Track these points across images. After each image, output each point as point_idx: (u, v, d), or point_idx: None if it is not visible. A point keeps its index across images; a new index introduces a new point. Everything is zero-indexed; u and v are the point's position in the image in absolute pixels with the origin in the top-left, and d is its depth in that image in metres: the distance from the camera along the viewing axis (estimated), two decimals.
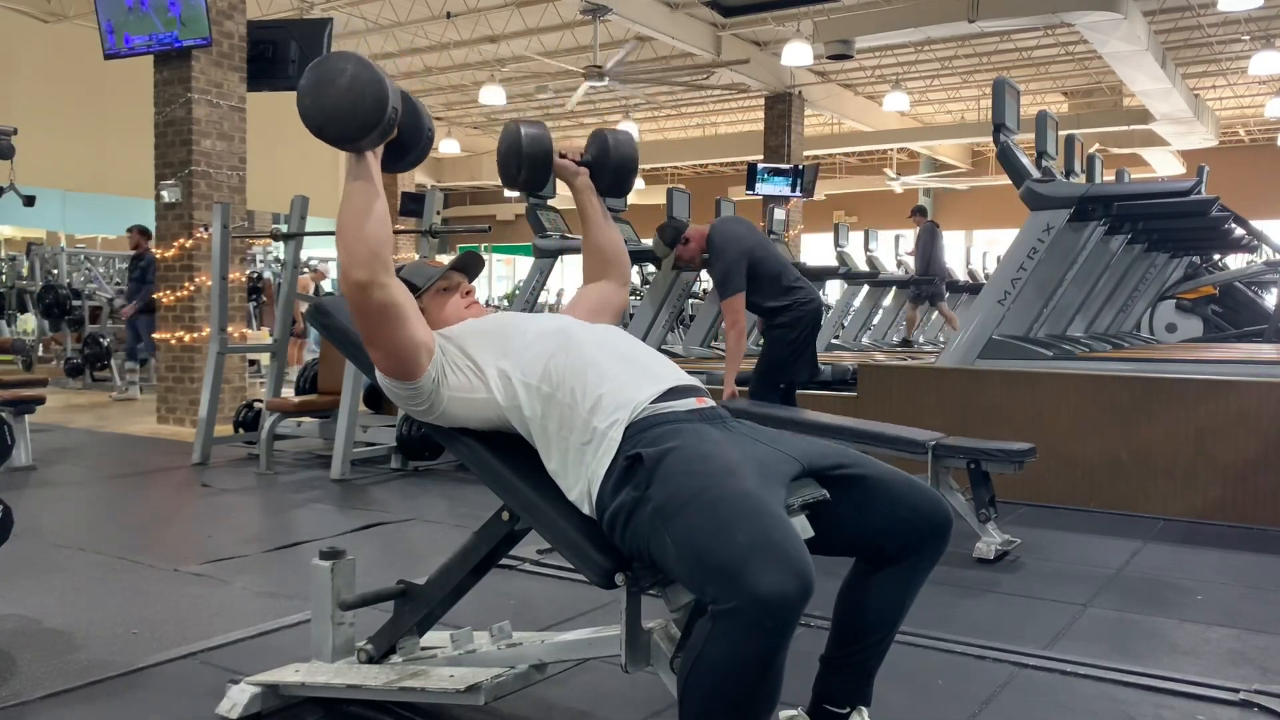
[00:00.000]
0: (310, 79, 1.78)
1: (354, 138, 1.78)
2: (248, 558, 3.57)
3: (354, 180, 1.82)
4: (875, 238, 11.21)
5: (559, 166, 2.20)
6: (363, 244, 1.78)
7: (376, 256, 1.79)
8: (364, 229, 1.79)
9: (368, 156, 1.82)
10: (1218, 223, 6.00)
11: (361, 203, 1.80)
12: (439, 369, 1.88)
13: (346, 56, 1.78)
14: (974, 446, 3.63)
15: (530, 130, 2.13)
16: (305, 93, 1.77)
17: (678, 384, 1.85)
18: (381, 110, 1.77)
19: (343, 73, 1.76)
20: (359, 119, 1.76)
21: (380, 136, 1.80)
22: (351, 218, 1.80)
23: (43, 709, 2.22)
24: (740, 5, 11.52)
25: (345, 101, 1.76)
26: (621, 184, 2.24)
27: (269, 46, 7.47)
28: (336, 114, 1.77)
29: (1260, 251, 10.32)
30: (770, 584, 1.40)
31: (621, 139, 2.23)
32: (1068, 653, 2.62)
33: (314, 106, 1.77)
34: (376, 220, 1.80)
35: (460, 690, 1.98)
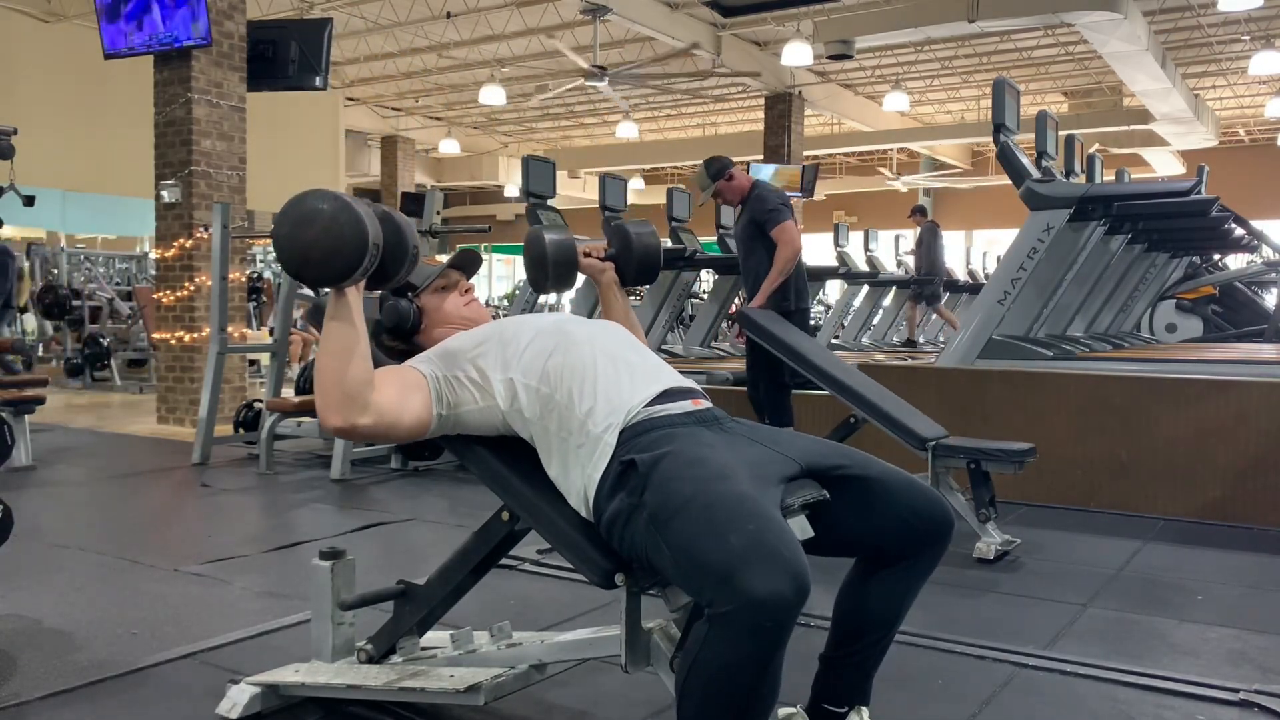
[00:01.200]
0: (287, 217, 1.72)
1: (334, 281, 1.75)
2: (248, 558, 3.57)
3: (332, 320, 1.77)
4: (875, 238, 11.22)
5: (585, 266, 2.24)
6: (339, 390, 1.75)
7: (353, 400, 1.75)
8: (345, 375, 1.75)
9: (348, 293, 1.77)
10: (1218, 223, 6.00)
11: (340, 346, 1.75)
12: (439, 401, 1.87)
13: (324, 195, 1.72)
14: (974, 446, 3.63)
15: (553, 238, 2.16)
16: (282, 231, 1.72)
17: (673, 386, 1.85)
18: (362, 253, 1.71)
19: (319, 214, 1.70)
20: (339, 263, 1.71)
21: (362, 276, 1.76)
22: (331, 361, 1.75)
23: (43, 709, 2.22)
24: (740, 5, 11.53)
25: (323, 245, 1.70)
26: (647, 274, 2.29)
27: (269, 46, 7.47)
28: (314, 258, 1.71)
29: (1260, 251, 10.32)
30: (765, 586, 1.40)
31: (643, 231, 2.27)
32: (1067, 653, 2.62)
33: (289, 248, 1.72)
34: (356, 364, 1.75)
35: (460, 690, 1.98)
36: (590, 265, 2.25)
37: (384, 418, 1.79)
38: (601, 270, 2.27)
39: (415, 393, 1.85)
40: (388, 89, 17.60)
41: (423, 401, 1.85)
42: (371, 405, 1.78)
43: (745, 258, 5.00)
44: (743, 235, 4.98)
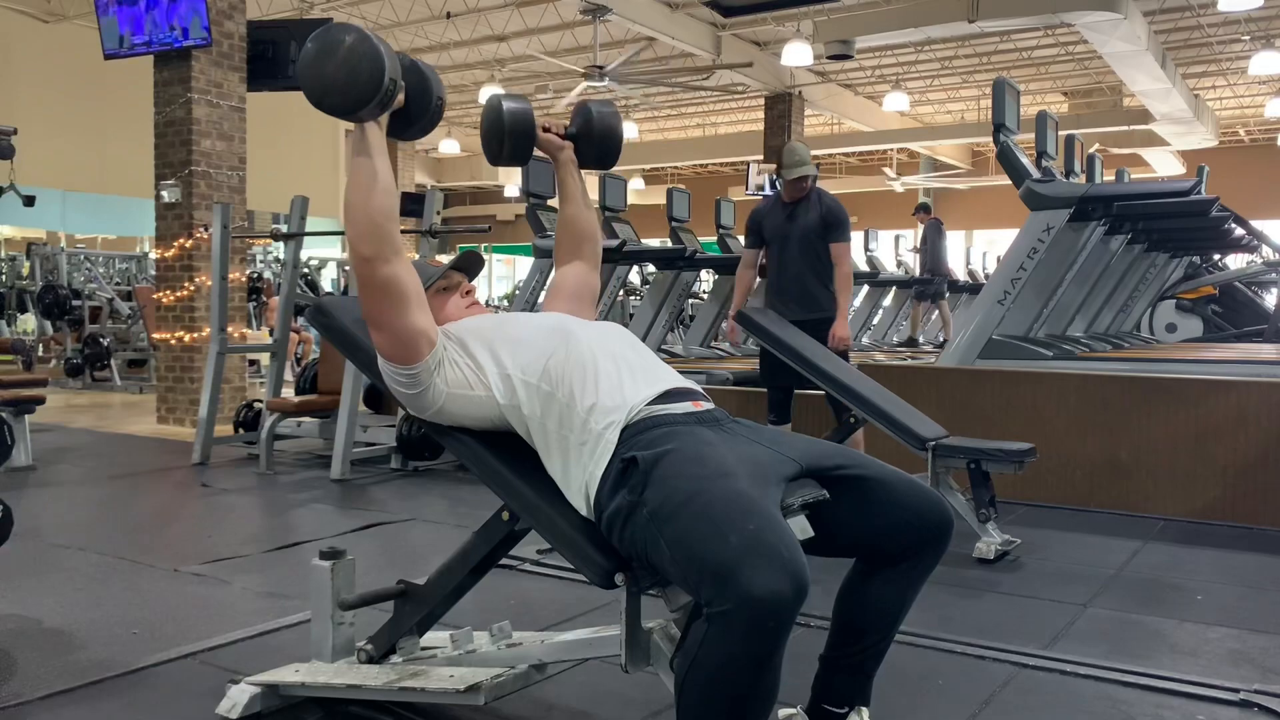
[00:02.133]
0: (310, 50, 1.79)
1: (351, 109, 1.80)
2: (248, 558, 3.57)
3: (357, 155, 1.84)
4: (875, 238, 11.22)
5: (543, 140, 2.20)
6: (367, 218, 1.82)
7: (380, 229, 1.82)
8: (369, 203, 1.82)
9: (370, 129, 1.84)
10: (1218, 223, 6.01)
11: (364, 177, 1.83)
12: (437, 360, 1.89)
13: (347, 28, 1.79)
14: (974, 446, 3.63)
15: (512, 104, 2.12)
16: (304, 64, 1.80)
17: (675, 386, 1.85)
18: (378, 83, 1.77)
19: (340, 44, 1.77)
20: (355, 91, 1.78)
21: (380, 108, 1.82)
22: (356, 193, 1.83)
23: (43, 709, 2.22)
24: (740, 5, 11.53)
25: (341, 73, 1.78)
26: (606, 156, 2.23)
27: (269, 46, 7.47)
28: (333, 86, 1.78)
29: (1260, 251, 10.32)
30: (764, 585, 1.40)
31: (605, 110, 2.22)
32: (1068, 653, 2.62)
33: (312, 78, 1.80)
34: (380, 194, 1.82)
35: (460, 690, 1.98)
36: (548, 140, 2.21)
37: (401, 282, 1.84)
38: (560, 147, 2.22)
39: (429, 318, 1.90)
40: None
41: (427, 329, 1.88)
42: (400, 253, 1.84)
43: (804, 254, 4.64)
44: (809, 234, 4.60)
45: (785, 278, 4.72)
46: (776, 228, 4.70)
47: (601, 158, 2.23)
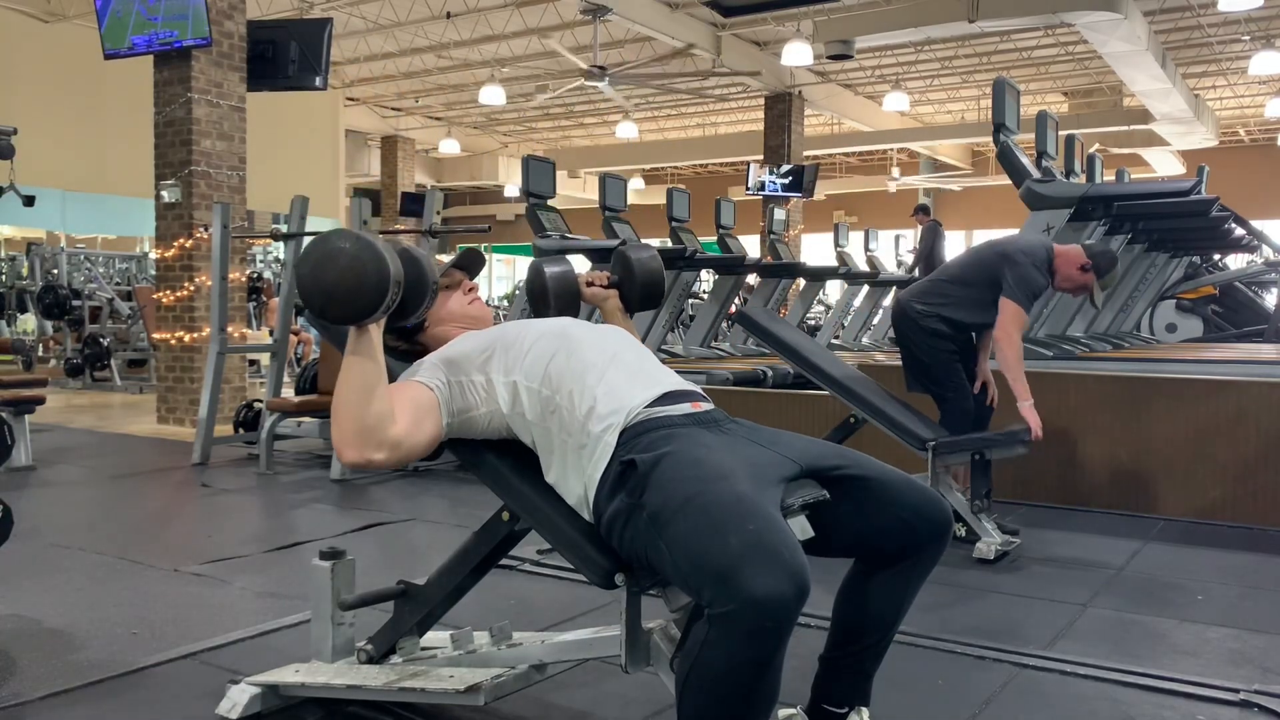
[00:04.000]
0: (311, 256, 1.75)
1: (358, 319, 1.76)
2: (248, 558, 3.57)
3: (354, 355, 1.78)
4: (875, 238, 11.21)
5: (589, 296, 2.25)
6: (358, 426, 1.76)
7: (370, 435, 1.76)
8: (366, 411, 1.76)
9: (370, 330, 1.79)
10: (1218, 223, 6.01)
11: (361, 383, 1.77)
12: (448, 410, 1.87)
13: (346, 235, 1.75)
14: (976, 437, 3.63)
15: (553, 270, 2.16)
16: (305, 270, 1.75)
17: (674, 388, 1.85)
18: (384, 291, 1.73)
19: (343, 254, 1.73)
20: (361, 301, 1.74)
21: (383, 314, 1.78)
22: (352, 397, 1.76)
23: (43, 709, 2.22)
24: (740, 5, 11.53)
25: (347, 283, 1.73)
26: (650, 299, 2.29)
27: (269, 46, 7.47)
28: (336, 296, 1.74)
29: (1260, 251, 10.32)
30: (764, 586, 1.40)
31: (644, 256, 2.28)
32: (1068, 653, 2.62)
33: (313, 288, 1.75)
34: (378, 400, 1.77)
35: (460, 690, 1.98)
36: (594, 294, 2.26)
37: (399, 449, 1.80)
38: (605, 298, 2.28)
39: (428, 417, 1.85)
40: (388, 89, 17.60)
41: (435, 420, 1.86)
42: (388, 440, 1.78)
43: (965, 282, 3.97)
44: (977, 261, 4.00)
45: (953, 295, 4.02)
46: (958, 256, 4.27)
47: (645, 300, 2.29)
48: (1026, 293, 3.76)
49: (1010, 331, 3.74)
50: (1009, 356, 3.74)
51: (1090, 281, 3.86)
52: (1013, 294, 3.74)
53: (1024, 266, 3.78)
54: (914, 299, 3.98)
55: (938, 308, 3.89)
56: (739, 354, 8.65)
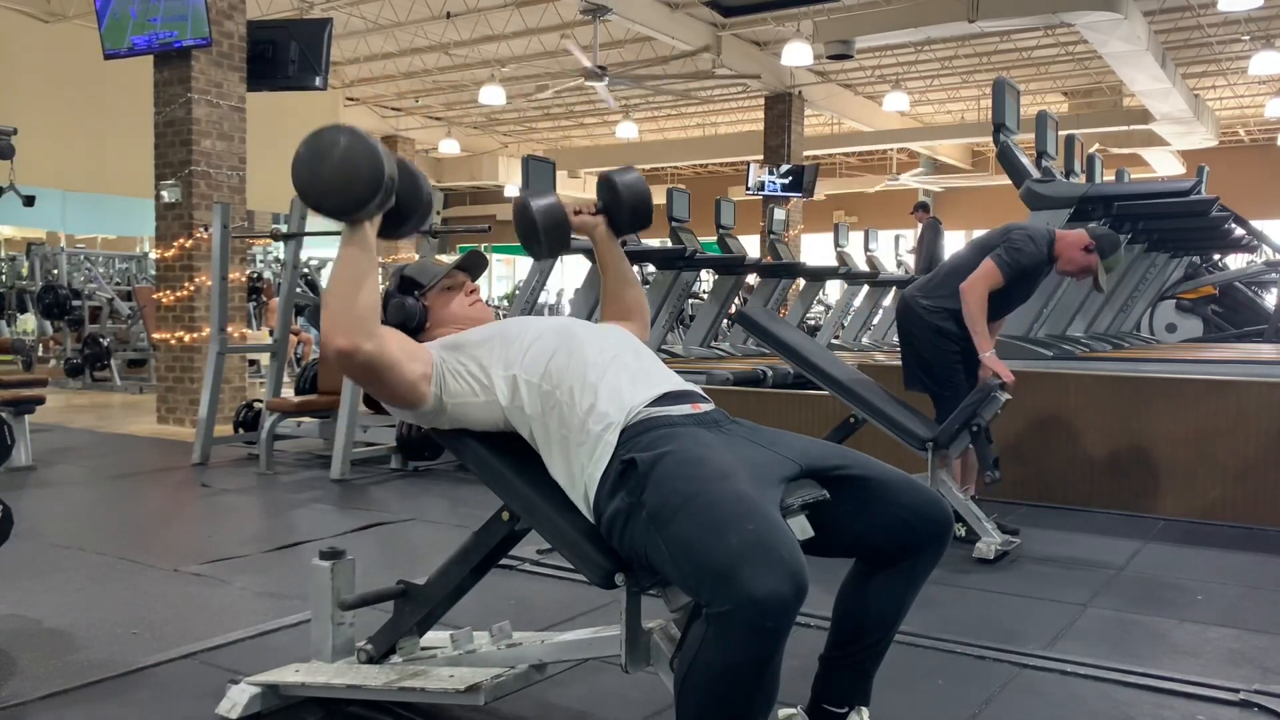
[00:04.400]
0: (304, 152, 1.78)
1: (351, 210, 1.78)
2: (248, 558, 3.57)
3: (348, 247, 1.81)
4: (875, 238, 11.21)
5: (578, 224, 2.21)
6: (349, 314, 1.78)
7: (361, 323, 1.78)
8: (355, 300, 1.78)
9: (365, 225, 1.81)
10: (1218, 223, 6.00)
11: (352, 273, 1.79)
12: (439, 384, 1.89)
13: (340, 129, 1.77)
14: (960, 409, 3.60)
15: (540, 204, 2.14)
16: (300, 167, 1.77)
17: (674, 388, 1.85)
18: (377, 182, 1.76)
19: (336, 145, 1.75)
20: (355, 192, 1.76)
21: (377, 208, 1.80)
22: (342, 288, 1.79)
23: (43, 709, 2.22)
24: (740, 5, 11.53)
25: (340, 175, 1.75)
26: (639, 220, 2.25)
27: (269, 46, 7.47)
28: (332, 188, 1.77)
29: (1260, 251, 10.31)
30: (764, 586, 1.40)
31: (629, 179, 2.24)
32: (1068, 653, 2.62)
33: (309, 181, 1.78)
34: (368, 291, 1.79)
35: (460, 690, 1.98)
36: (583, 222, 2.22)
37: (385, 354, 1.82)
38: (594, 225, 2.23)
39: (420, 360, 1.88)
40: (388, 89, 17.60)
41: (424, 372, 1.87)
42: (377, 334, 1.81)
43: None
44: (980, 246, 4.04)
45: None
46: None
47: (634, 223, 2.25)
48: (1012, 260, 3.76)
49: (976, 284, 3.75)
50: (970, 305, 3.74)
51: (1094, 263, 3.85)
52: (996, 258, 3.77)
53: (1020, 241, 3.81)
54: (919, 294, 3.98)
55: (943, 300, 3.88)
56: (739, 354, 8.65)
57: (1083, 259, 3.87)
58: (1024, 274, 3.83)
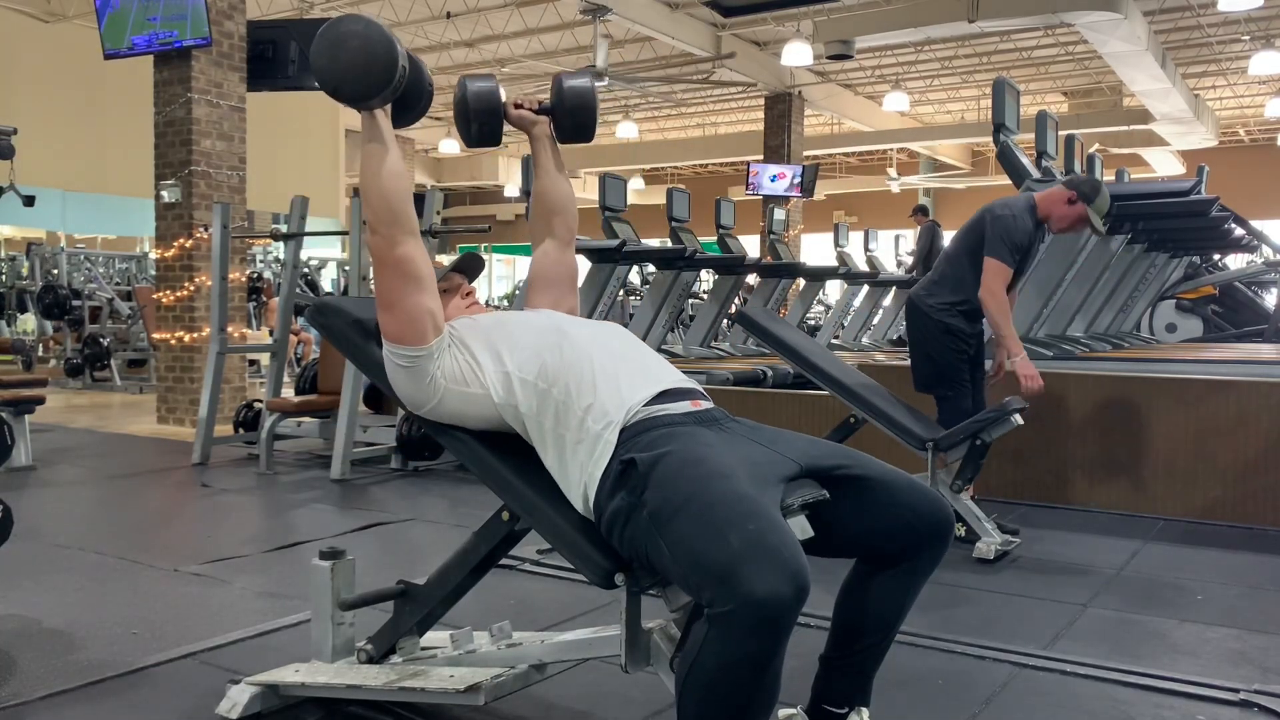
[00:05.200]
0: (324, 40, 1.86)
1: (368, 96, 1.88)
2: (248, 558, 3.57)
3: (369, 142, 1.92)
4: (875, 238, 11.22)
5: (516, 117, 2.20)
6: (381, 199, 1.90)
7: (395, 210, 1.90)
8: (382, 184, 1.90)
9: (379, 115, 1.91)
10: (1218, 223, 6.01)
11: (377, 163, 1.91)
12: (441, 348, 1.92)
13: (357, 19, 1.87)
14: (971, 421, 3.59)
15: (476, 84, 2.14)
16: (320, 53, 1.86)
17: (674, 386, 1.85)
18: (393, 68, 1.85)
19: (354, 34, 1.85)
20: (373, 78, 1.86)
21: (392, 94, 1.89)
22: (370, 178, 1.91)
23: (43, 709, 2.22)
24: (740, 5, 11.53)
25: (359, 61, 1.85)
26: (581, 129, 2.21)
27: (269, 46, 7.47)
28: (351, 73, 1.86)
29: (1260, 251, 10.32)
30: (765, 586, 1.40)
31: (577, 82, 2.21)
32: (1068, 653, 2.62)
33: (329, 67, 1.87)
34: (392, 176, 1.90)
35: (460, 690, 1.98)
36: (520, 116, 2.20)
37: (414, 262, 1.90)
38: (533, 122, 2.22)
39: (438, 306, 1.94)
40: None
41: (436, 314, 1.92)
42: (414, 235, 1.92)
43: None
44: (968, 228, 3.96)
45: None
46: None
47: (578, 130, 2.21)
48: (1007, 245, 3.74)
49: (993, 288, 3.72)
50: (993, 312, 3.73)
51: (1083, 212, 3.81)
52: (993, 249, 3.73)
53: (1003, 219, 3.77)
54: (924, 293, 3.97)
55: (947, 295, 3.87)
56: (739, 354, 8.65)
57: (1071, 212, 3.84)
58: (1023, 251, 3.83)
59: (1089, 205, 3.79)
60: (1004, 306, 3.74)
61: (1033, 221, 3.84)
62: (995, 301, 3.72)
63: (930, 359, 3.92)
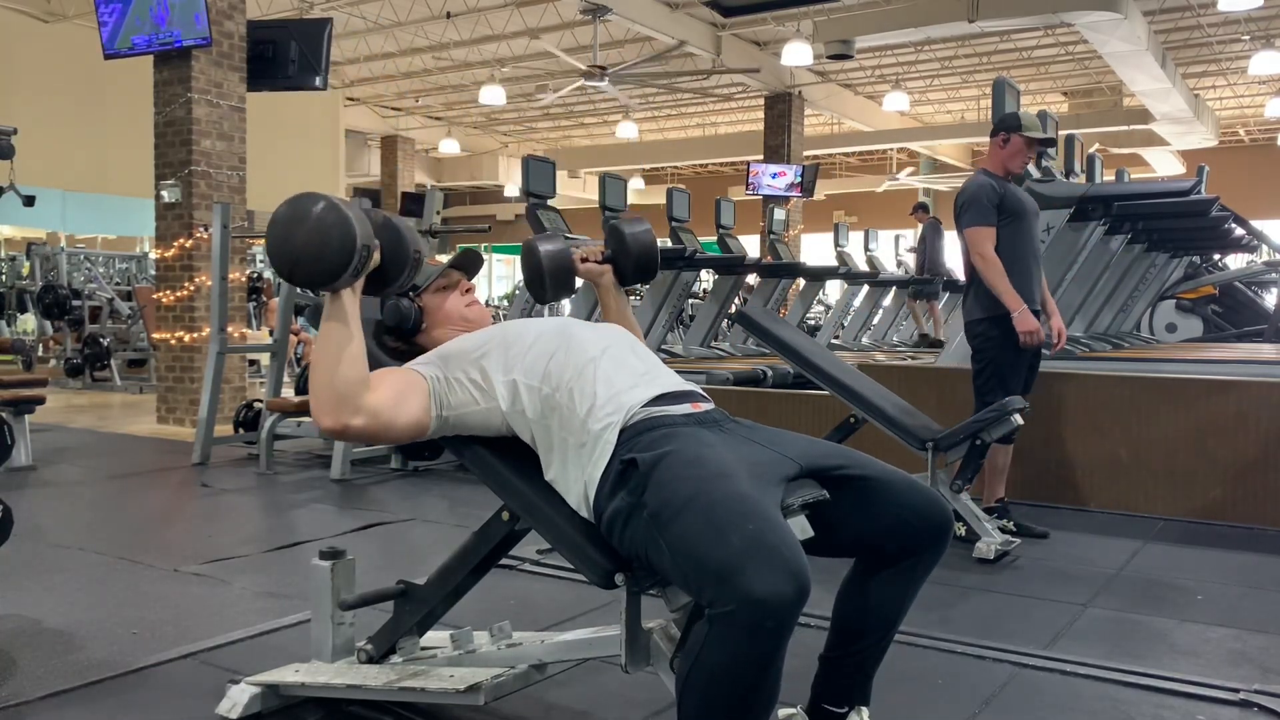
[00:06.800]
0: (278, 218, 1.76)
1: (322, 282, 1.77)
2: (248, 558, 3.57)
3: (327, 321, 1.80)
4: (875, 238, 11.22)
5: (584, 271, 2.23)
6: (331, 391, 1.77)
7: (344, 400, 1.77)
8: (335, 375, 1.77)
9: (344, 295, 1.79)
10: (1218, 223, 6.01)
11: (332, 348, 1.78)
12: (439, 403, 1.87)
13: (316, 197, 1.75)
14: (970, 421, 3.59)
15: (548, 249, 2.16)
16: (272, 234, 1.76)
17: (674, 388, 1.85)
18: (349, 254, 1.73)
19: (309, 214, 1.74)
20: (325, 264, 1.74)
21: (352, 277, 1.77)
22: (324, 363, 1.78)
23: (43, 709, 2.22)
24: (740, 5, 11.53)
25: (311, 244, 1.73)
26: (645, 272, 2.29)
27: (269, 46, 7.46)
28: (303, 257, 1.74)
29: (1260, 251, 10.32)
30: (765, 586, 1.40)
31: (638, 231, 2.27)
32: (1068, 653, 2.62)
33: (280, 249, 1.76)
34: (348, 364, 1.77)
35: (460, 690, 1.98)
36: (589, 270, 2.24)
37: (378, 419, 1.80)
38: (600, 274, 2.26)
39: (413, 395, 1.85)
40: (388, 89, 17.61)
41: (420, 404, 1.85)
42: (365, 407, 1.78)
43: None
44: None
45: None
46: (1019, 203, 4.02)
47: (639, 273, 2.28)
48: (977, 210, 3.83)
49: (981, 251, 3.81)
50: (987, 274, 3.80)
51: (1020, 143, 3.89)
52: (968, 221, 3.85)
53: (964, 192, 3.90)
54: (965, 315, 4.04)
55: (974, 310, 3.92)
56: (739, 354, 8.65)
57: (1012, 148, 3.92)
58: (999, 211, 3.87)
59: (1020, 132, 3.89)
60: (997, 267, 3.79)
61: (991, 179, 3.92)
62: (985, 263, 3.80)
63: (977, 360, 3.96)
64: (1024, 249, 3.91)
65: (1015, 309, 3.75)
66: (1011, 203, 3.91)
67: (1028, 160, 4.03)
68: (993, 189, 3.87)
